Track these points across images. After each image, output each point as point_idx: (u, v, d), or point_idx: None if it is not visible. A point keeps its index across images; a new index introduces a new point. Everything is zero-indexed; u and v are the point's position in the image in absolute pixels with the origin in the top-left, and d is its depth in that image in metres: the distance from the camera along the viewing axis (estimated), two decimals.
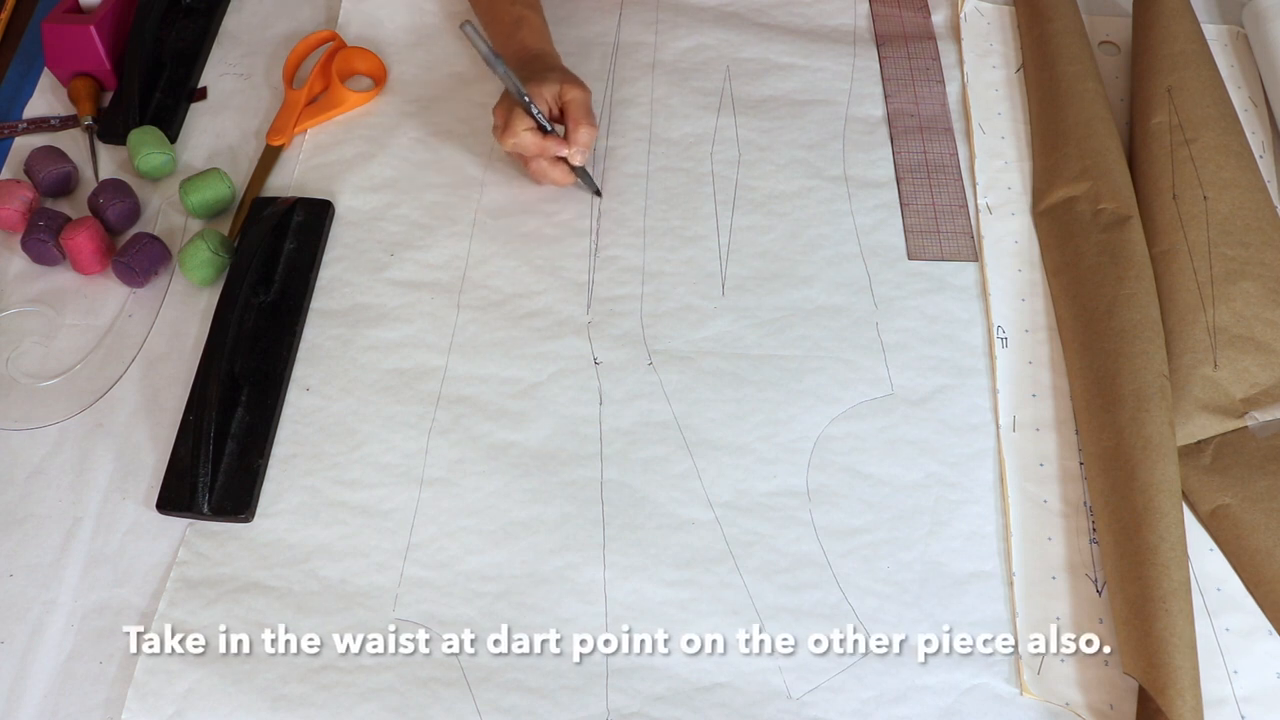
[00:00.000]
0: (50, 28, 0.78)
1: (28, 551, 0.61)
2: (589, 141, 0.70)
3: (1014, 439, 0.64)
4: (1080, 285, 0.67)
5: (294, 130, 0.77)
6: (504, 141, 0.71)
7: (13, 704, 0.57)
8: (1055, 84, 0.75)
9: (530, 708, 0.56)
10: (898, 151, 0.76)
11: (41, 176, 0.74)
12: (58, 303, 0.71)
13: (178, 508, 0.62)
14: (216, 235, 0.70)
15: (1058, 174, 0.72)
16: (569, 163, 0.71)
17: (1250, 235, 0.67)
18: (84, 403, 0.67)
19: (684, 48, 0.82)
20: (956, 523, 0.61)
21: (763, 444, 0.64)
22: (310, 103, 0.79)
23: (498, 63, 0.67)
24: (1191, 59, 0.75)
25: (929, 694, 0.56)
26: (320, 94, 0.79)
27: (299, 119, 0.78)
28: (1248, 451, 0.62)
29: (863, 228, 0.72)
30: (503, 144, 0.71)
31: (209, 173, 0.73)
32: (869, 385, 0.66)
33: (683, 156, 0.76)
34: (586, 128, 0.70)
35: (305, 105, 0.78)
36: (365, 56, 0.81)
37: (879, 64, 0.81)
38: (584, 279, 0.71)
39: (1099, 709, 0.56)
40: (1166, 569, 0.55)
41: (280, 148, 0.77)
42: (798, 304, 0.69)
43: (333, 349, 0.68)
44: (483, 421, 0.65)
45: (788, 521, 0.61)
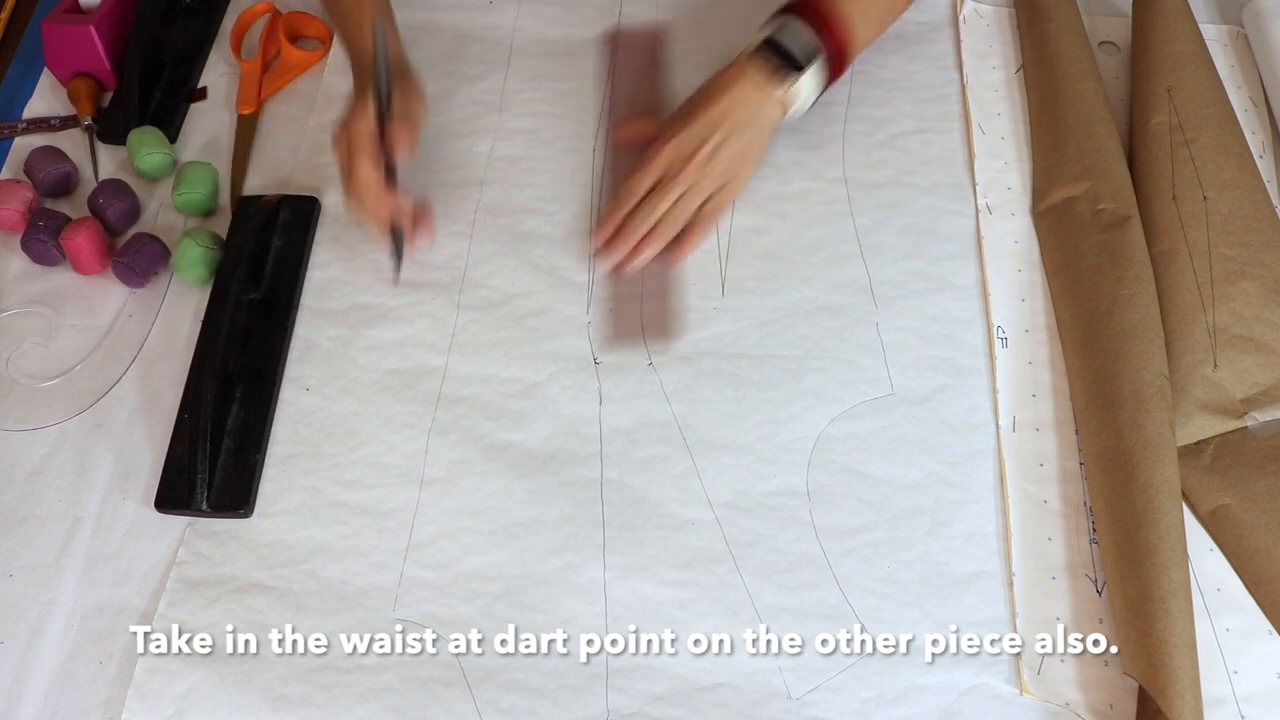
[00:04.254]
0: (50, 28, 0.78)
1: (28, 551, 0.61)
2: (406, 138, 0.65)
3: (1014, 439, 0.64)
4: (1080, 285, 0.67)
5: (261, 97, 0.80)
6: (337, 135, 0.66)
7: (13, 704, 0.57)
8: (1055, 84, 0.75)
9: (530, 708, 0.56)
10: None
11: (41, 176, 0.74)
12: (58, 303, 0.71)
13: (176, 505, 0.62)
14: (206, 233, 0.70)
15: (1058, 174, 0.72)
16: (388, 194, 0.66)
17: (1250, 235, 0.67)
18: (84, 403, 0.67)
19: (684, 49, 0.82)
20: (956, 522, 0.61)
21: (763, 444, 0.64)
22: (266, 70, 0.82)
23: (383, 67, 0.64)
24: (1191, 59, 0.75)
25: (929, 694, 0.56)
26: (274, 59, 0.83)
27: (261, 86, 0.80)
28: (1248, 451, 0.62)
29: (863, 228, 0.72)
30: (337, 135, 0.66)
31: (193, 165, 0.73)
32: (869, 385, 0.66)
33: None
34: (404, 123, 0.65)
35: (263, 74, 0.81)
36: (307, 20, 0.84)
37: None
38: (584, 279, 0.71)
39: (1099, 709, 0.56)
40: (1166, 569, 0.55)
41: (254, 115, 0.79)
42: (798, 304, 0.69)
43: (332, 349, 0.68)
44: (483, 422, 0.65)
45: (788, 521, 0.61)
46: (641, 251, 0.69)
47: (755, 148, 0.70)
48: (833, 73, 0.70)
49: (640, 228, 0.69)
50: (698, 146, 0.68)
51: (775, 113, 0.70)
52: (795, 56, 0.68)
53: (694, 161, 0.68)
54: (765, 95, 0.68)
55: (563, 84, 0.80)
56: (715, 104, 0.68)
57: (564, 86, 0.80)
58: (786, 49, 0.68)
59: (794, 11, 0.69)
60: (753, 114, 0.69)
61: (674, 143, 0.69)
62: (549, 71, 0.81)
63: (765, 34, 0.69)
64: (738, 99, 0.68)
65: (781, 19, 0.69)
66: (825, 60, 0.69)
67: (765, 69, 0.68)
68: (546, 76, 0.80)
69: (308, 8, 0.84)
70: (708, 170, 0.68)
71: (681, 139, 0.68)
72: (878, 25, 0.74)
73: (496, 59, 0.82)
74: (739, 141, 0.69)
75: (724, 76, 0.69)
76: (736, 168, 0.70)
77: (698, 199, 0.69)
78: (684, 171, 0.68)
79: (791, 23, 0.68)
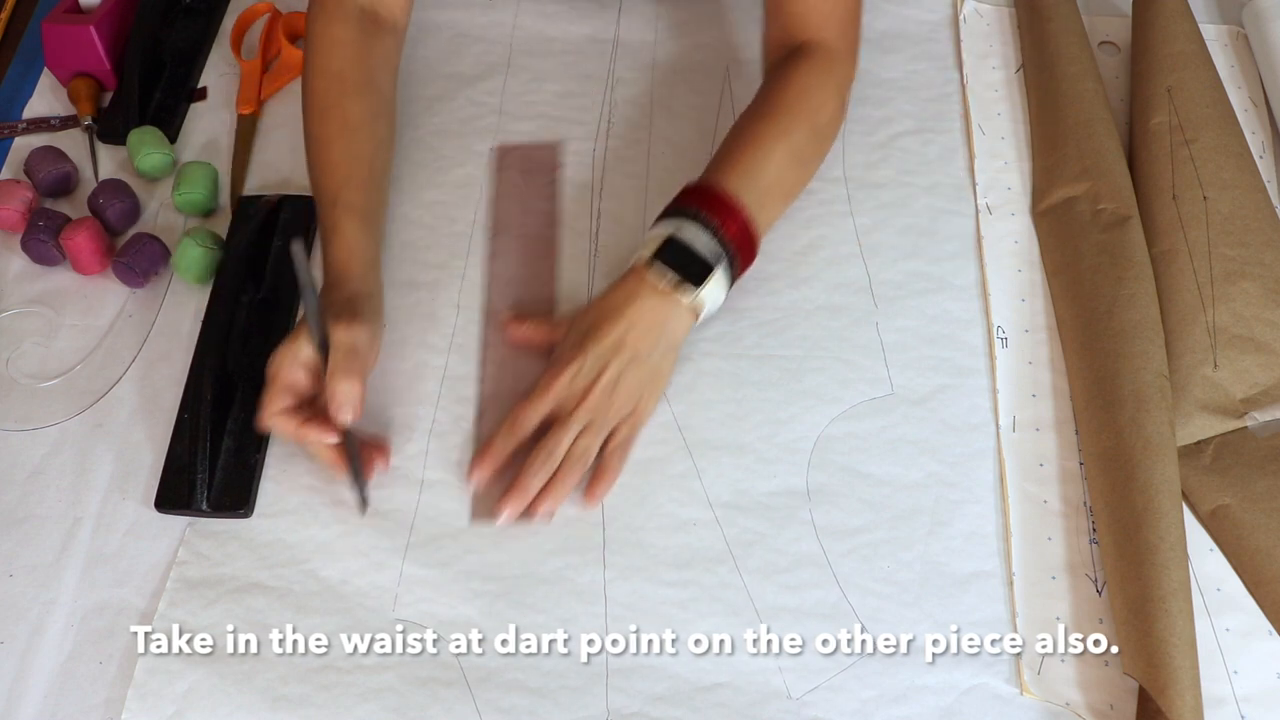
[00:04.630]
0: (50, 28, 0.78)
1: (28, 551, 0.61)
2: (346, 399, 0.57)
3: (1014, 439, 0.64)
4: (1080, 285, 0.67)
5: (261, 97, 0.80)
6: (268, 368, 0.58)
7: (13, 704, 0.57)
8: (1055, 84, 0.75)
9: (530, 708, 0.56)
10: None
11: (41, 176, 0.74)
12: (58, 303, 0.71)
13: (176, 506, 0.62)
14: (206, 233, 0.70)
15: (1057, 174, 0.72)
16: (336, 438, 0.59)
17: (1250, 235, 0.67)
18: (84, 403, 0.67)
19: (684, 47, 0.82)
20: (956, 522, 0.61)
21: (763, 444, 0.64)
22: (266, 70, 0.81)
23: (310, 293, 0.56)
24: (1191, 59, 0.75)
25: (929, 694, 0.56)
26: (274, 59, 0.82)
27: (261, 86, 0.80)
28: (1248, 451, 0.62)
29: (862, 228, 0.72)
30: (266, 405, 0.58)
31: (193, 165, 0.73)
32: (869, 385, 0.66)
33: (682, 157, 0.76)
34: (344, 380, 0.56)
35: (263, 74, 0.80)
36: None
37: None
38: (584, 279, 0.71)
39: (1099, 709, 0.56)
40: (1166, 569, 0.55)
41: (254, 115, 0.79)
42: (797, 304, 0.69)
43: None
44: None
45: (787, 521, 0.61)
46: (542, 505, 0.59)
47: (663, 369, 0.62)
48: (743, 265, 0.63)
49: (538, 475, 0.59)
50: (595, 377, 0.59)
51: (685, 323, 0.62)
52: (698, 261, 0.60)
53: (593, 394, 0.59)
54: (671, 307, 0.61)
55: (563, 84, 0.80)
56: (614, 325, 0.60)
57: (564, 88, 0.80)
58: (686, 254, 0.60)
59: (689, 203, 0.62)
60: (657, 333, 0.60)
61: (569, 372, 0.60)
62: (549, 72, 0.81)
63: (662, 234, 0.61)
64: (639, 318, 0.60)
65: (676, 220, 0.61)
66: (730, 259, 0.61)
67: (665, 278, 0.60)
68: (546, 77, 0.80)
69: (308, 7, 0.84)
70: (609, 403, 0.60)
71: (577, 368, 0.60)
72: (784, 200, 0.67)
73: (496, 59, 0.82)
74: (643, 367, 0.60)
75: (621, 290, 0.61)
76: (642, 396, 0.61)
77: (600, 435, 0.60)
78: (582, 406, 0.59)
79: (687, 225, 0.61)
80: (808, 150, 0.67)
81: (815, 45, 0.68)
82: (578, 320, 0.62)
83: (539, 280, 0.69)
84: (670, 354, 0.63)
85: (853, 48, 0.70)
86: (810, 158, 0.68)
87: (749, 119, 0.66)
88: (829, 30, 0.68)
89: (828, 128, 0.69)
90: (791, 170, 0.66)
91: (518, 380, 0.64)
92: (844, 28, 0.69)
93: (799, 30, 0.68)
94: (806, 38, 0.68)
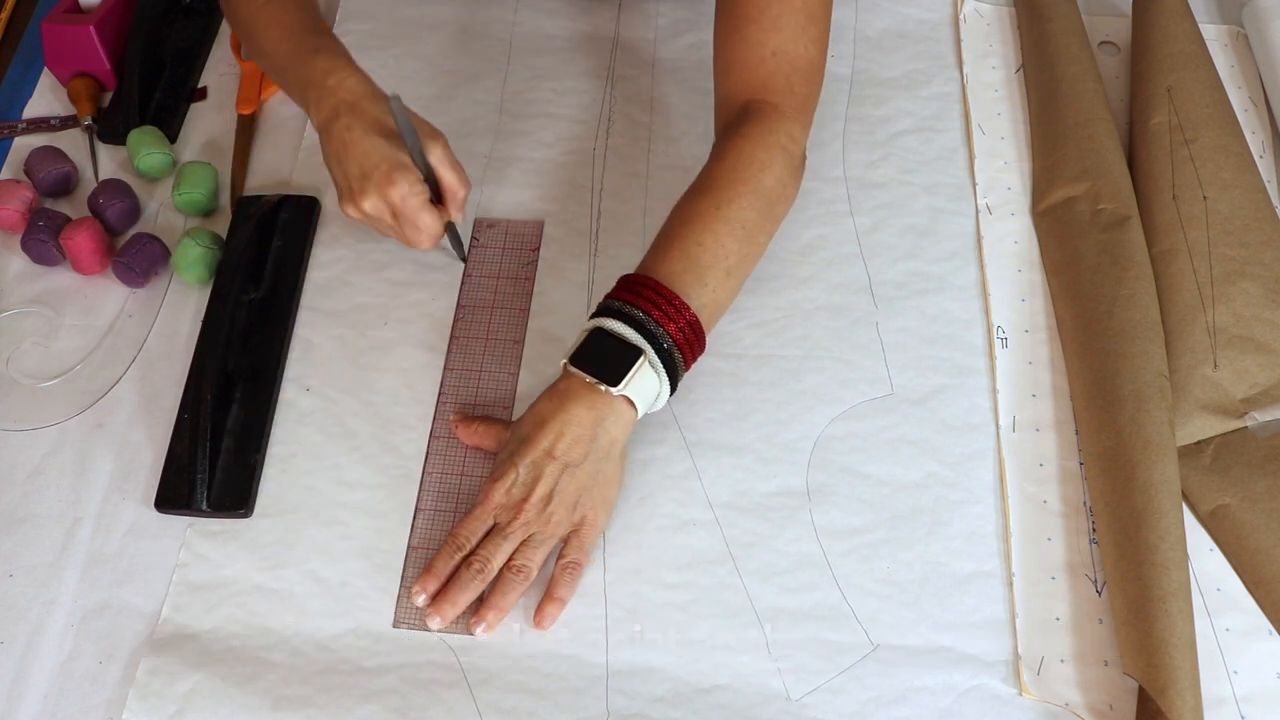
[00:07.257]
0: (50, 28, 0.78)
1: (28, 551, 0.61)
2: (464, 180, 0.65)
3: (1014, 439, 0.64)
4: (1080, 285, 0.67)
5: (261, 97, 0.79)
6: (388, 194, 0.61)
7: (13, 704, 0.57)
8: (1055, 84, 0.75)
9: (531, 709, 0.56)
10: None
11: (41, 176, 0.74)
12: (58, 303, 0.71)
13: (176, 505, 0.62)
14: (206, 233, 0.70)
15: (1057, 174, 0.72)
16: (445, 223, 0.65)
17: (1250, 235, 0.67)
18: (84, 403, 0.67)
19: (684, 45, 0.82)
20: (956, 523, 0.61)
21: (762, 444, 0.64)
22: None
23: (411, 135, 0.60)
24: (1191, 59, 0.75)
25: (928, 695, 0.56)
26: None
27: (261, 86, 0.80)
28: (1248, 451, 0.62)
29: (862, 228, 0.72)
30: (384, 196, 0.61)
31: (193, 165, 0.73)
32: (869, 385, 0.66)
33: (683, 155, 0.76)
34: (463, 183, 0.64)
35: (263, 74, 0.80)
36: None
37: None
38: (584, 279, 0.71)
39: (1099, 709, 0.56)
40: (1166, 569, 0.55)
41: (254, 115, 0.79)
42: (797, 304, 0.69)
43: (333, 349, 0.68)
44: None
45: (787, 522, 0.61)
46: (481, 618, 0.57)
47: (604, 473, 0.58)
48: (686, 350, 0.59)
49: (466, 589, 0.57)
50: (530, 488, 0.57)
51: (624, 420, 0.58)
52: (619, 354, 0.57)
53: (527, 507, 0.57)
54: (605, 407, 0.57)
55: (563, 82, 0.80)
56: (544, 434, 0.57)
57: (564, 85, 0.80)
58: (608, 347, 0.57)
59: (616, 295, 0.59)
60: (589, 439, 0.57)
61: (504, 483, 0.57)
62: (549, 70, 0.81)
63: (587, 329, 0.59)
64: (566, 427, 0.57)
65: (600, 316, 0.58)
66: (662, 347, 0.57)
67: (587, 376, 0.57)
68: (546, 75, 0.80)
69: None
70: (546, 515, 0.57)
71: (512, 479, 0.57)
72: (731, 275, 0.61)
73: (496, 56, 0.82)
74: (578, 475, 0.57)
75: (553, 395, 0.58)
76: (589, 503, 0.58)
77: (541, 548, 0.58)
78: (516, 520, 0.57)
79: (608, 320, 0.58)
80: (751, 218, 0.62)
81: (758, 106, 0.64)
82: (515, 427, 0.60)
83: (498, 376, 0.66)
84: (610, 458, 0.58)
85: (802, 104, 0.66)
86: (756, 226, 0.62)
87: (688, 196, 0.63)
88: (772, 92, 0.64)
89: (775, 190, 0.63)
90: (735, 243, 0.61)
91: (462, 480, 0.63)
92: (789, 86, 0.65)
93: (740, 92, 0.65)
94: (748, 99, 0.65)
